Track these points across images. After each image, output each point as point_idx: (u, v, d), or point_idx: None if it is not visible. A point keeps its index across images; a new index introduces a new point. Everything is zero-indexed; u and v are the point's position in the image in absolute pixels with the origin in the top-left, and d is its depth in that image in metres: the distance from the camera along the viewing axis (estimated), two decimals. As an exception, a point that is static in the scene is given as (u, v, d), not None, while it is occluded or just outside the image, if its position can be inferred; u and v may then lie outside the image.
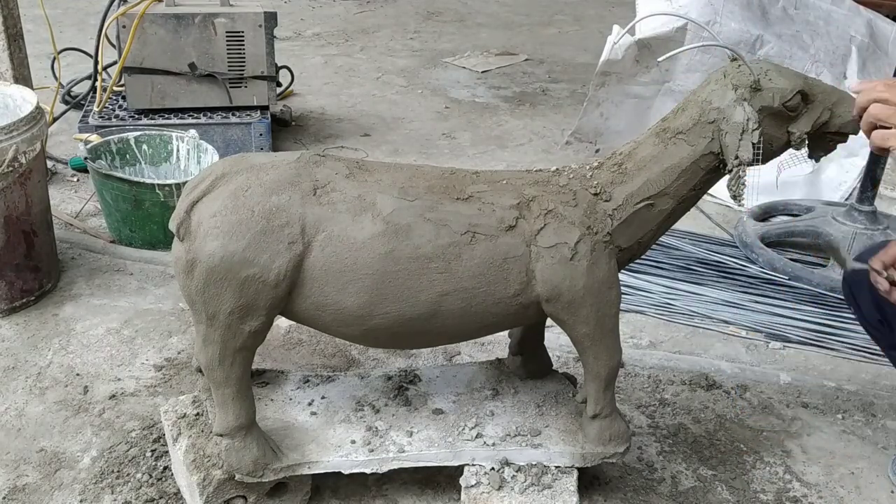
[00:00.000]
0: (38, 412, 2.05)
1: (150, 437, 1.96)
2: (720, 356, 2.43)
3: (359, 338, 1.59)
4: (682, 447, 2.04)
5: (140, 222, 2.77)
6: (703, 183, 1.58)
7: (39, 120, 2.38)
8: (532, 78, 5.11)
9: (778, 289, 2.77)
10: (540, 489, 1.68)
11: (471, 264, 1.51)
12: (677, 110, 1.58)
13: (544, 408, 1.83)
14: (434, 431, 1.75)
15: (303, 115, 4.24)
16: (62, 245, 2.79)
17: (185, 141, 3.04)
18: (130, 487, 1.81)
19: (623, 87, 3.63)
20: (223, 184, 1.50)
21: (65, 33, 5.22)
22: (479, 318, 1.56)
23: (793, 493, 1.92)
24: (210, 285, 1.46)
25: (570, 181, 1.61)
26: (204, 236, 1.45)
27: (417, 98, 4.63)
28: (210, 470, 1.64)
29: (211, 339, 1.52)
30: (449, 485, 1.83)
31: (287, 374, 1.91)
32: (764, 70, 1.50)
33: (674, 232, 3.02)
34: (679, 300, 2.68)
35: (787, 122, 1.52)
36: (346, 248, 1.47)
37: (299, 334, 2.38)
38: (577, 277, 1.54)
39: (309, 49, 5.48)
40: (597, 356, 1.63)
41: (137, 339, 2.36)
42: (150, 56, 3.39)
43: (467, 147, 3.96)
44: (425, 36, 5.95)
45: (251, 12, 3.45)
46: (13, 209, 2.35)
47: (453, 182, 1.58)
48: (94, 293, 2.57)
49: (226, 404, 1.58)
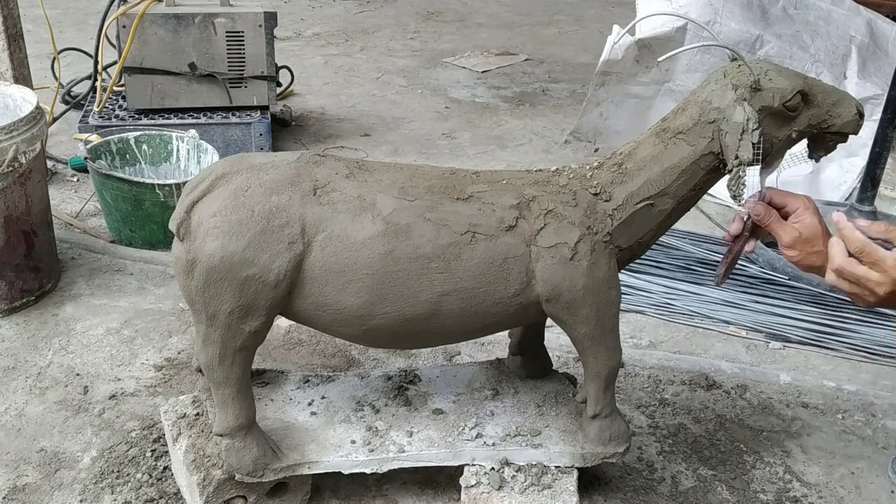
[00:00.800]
0: (38, 412, 2.05)
1: (150, 437, 1.96)
2: (720, 356, 2.43)
3: (359, 338, 1.59)
4: (682, 447, 2.04)
5: (140, 222, 2.77)
6: (703, 183, 1.58)
7: (39, 120, 2.38)
8: (532, 78, 5.11)
9: (778, 289, 2.77)
10: (540, 489, 1.68)
11: (471, 264, 1.51)
12: (677, 110, 1.58)
13: (544, 408, 1.83)
14: (434, 431, 1.75)
15: (303, 115, 4.24)
16: (62, 245, 2.79)
17: (185, 141, 3.04)
18: (130, 487, 1.81)
19: (623, 86, 3.63)
20: (223, 184, 1.50)
21: (65, 33, 5.22)
22: (479, 318, 1.56)
23: (793, 493, 1.92)
24: (210, 285, 1.46)
25: (570, 181, 1.61)
26: (204, 236, 1.45)
27: (417, 98, 4.63)
28: (210, 470, 1.64)
29: (211, 339, 1.52)
30: (449, 485, 1.83)
31: (287, 374, 1.91)
32: (764, 70, 1.50)
33: (674, 232, 3.02)
34: (679, 300, 2.68)
35: (787, 122, 1.52)
36: (346, 248, 1.47)
37: (299, 334, 2.38)
38: (577, 277, 1.54)
39: (309, 49, 5.48)
40: (597, 356, 1.63)
41: (137, 339, 2.36)
42: (151, 56, 3.39)
43: (467, 147, 3.96)
44: (425, 36, 5.94)
45: (251, 12, 3.45)
46: (13, 209, 2.35)
47: (453, 182, 1.58)
48: (94, 293, 2.57)
49: (226, 404, 1.58)
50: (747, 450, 2.05)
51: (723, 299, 2.68)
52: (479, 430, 1.74)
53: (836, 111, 1.53)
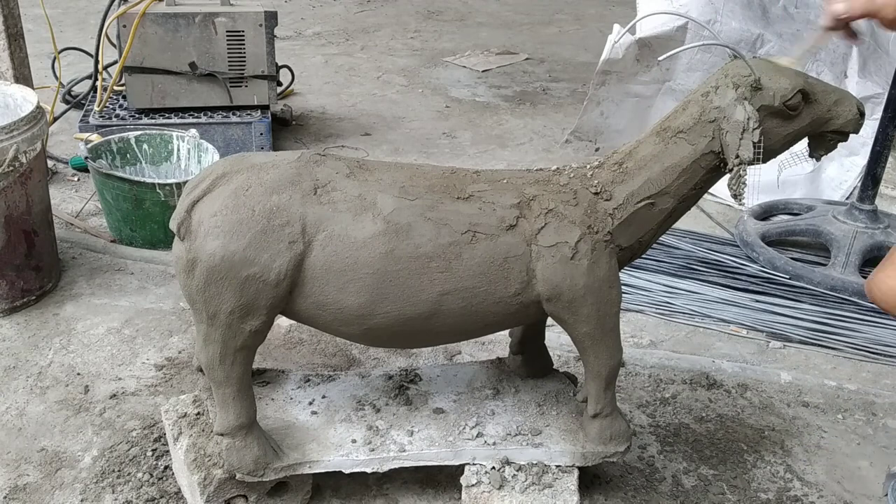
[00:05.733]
0: (39, 411, 2.05)
1: (150, 436, 1.96)
2: (721, 355, 2.43)
3: (359, 337, 1.59)
4: (682, 446, 2.04)
5: (141, 222, 2.77)
6: (703, 182, 1.58)
7: (40, 119, 2.38)
8: (532, 77, 5.10)
9: (779, 288, 2.77)
10: (541, 488, 1.68)
11: (471, 263, 1.51)
12: (678, 109, 1.58)
13: (545, 407, 1.83)
14: (435, 430, 1.75)
15: (303, 115, 4.24)
16: (63, 244, 2.79)
17: (186, 140, 3.04)
18: (131, 487, 1.82)
19: (623, 86, 3.63)
20: (224, 183, 1.50)
21: (65, 33, 5.22)
22: (479, 318, 1.56)
23: (793, 492, 1.92)
24: (211, 284, 1.46)
25: (571, 180, 1.61)
26: (205, 236, 1.45)
27: (418, 97, 4.63)
28: (211, 469, 1.64)
29: (211, 339, 1.52)
30: (450, 484, 1.83)
31: (288, 374, 1.92)
32: (764, 69, 1.50)
33: (674, 231, 3.02)
34: (680, 299, 2.68)
35: (787, 121, 1.52)
36: (347, 247, 1.47)
37: (300, 333, 2.38)
38: (577, 276, 1.54)
39: (309, 48, 5.48)
40: (597, 355, 1.63)
41: (138, 338, 2.36)
42: (151, 55, 3.39)
43: (468, 146, 3.96)
44: (426, 35, 5.94)
45: (251, 11, 3.45)
46: (14, 209, 2.36)
47: (454, 181, 1.58)
48: (95, 293, 2.57)
49: (226, 403, 1.58)
50: (748, 449, 2.05)
51: (723, 298, 2.68)
52: (480, 430, 1.75)
53: (837, 110, 1.53)
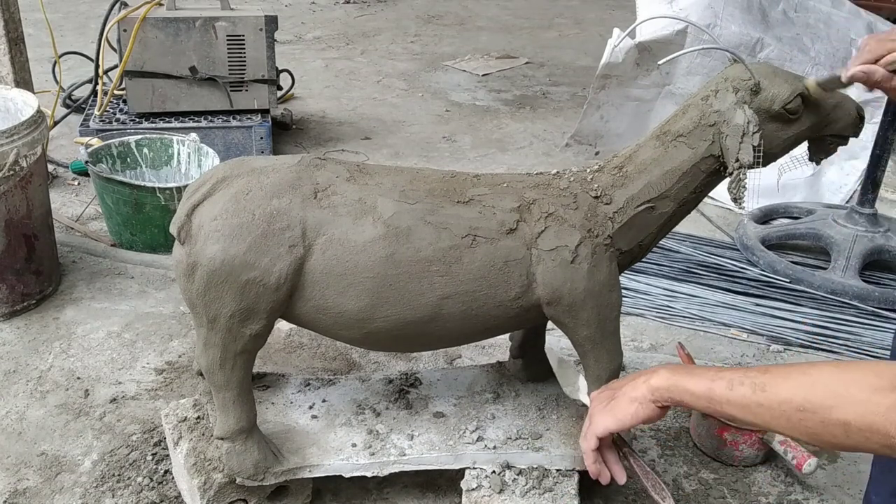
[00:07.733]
0: (39, 416, 2.05)
1: (150, 440, 1.96)
2: (721, 359, 2.43)
3: (359, 341, 1.59)
4: (683, 451, 2.04)
5: (141, 226, 2.78)
6: (703, 186, 1.58)
7: (40, 124, 2.39)
8: (532, 81, 5.11)
9: (779, 291, 2.77)
10: (541, 492, 1.67)
11: (471, 267, 1.51)
12: (678, 113, 1.58)
13: (545, 411, 1.83)
14: (435, 434, 1.74)
15: (303, 119, 4.24)
16: (63, 249, 2.79)
17: (186, 144, 3.04)
18: (131, 491, 1.81)
19: (623, 89, 3.63)
20: (224, 187, 1.50)
21: (66, 37, 5.23)
22: (479, 322, 1.56)
23: (794, 497, 1.92)
24: (211, 289, 1.46)
25: (571, 184, 1.61)
26: (205, 240, 1.45)
27: (418, 101, 4.63)
28: (211, 473, 1.63)
29: (212, 343, 1.52)
30: (450, 488, 1.82)
31: (288, 378, 1.91)
32: (764, 73, 1.50)
33: (674, 234, 3.02)
34: (680, 303, 2.67)
35: (787, 124, 1.52)
36: (347, 251, 1.47)
37: (300, 338, 2.38)
38: (577, 280, 1.54)
39: (309, 52, 5.49)
40: (598, 359, 1.63)
41: (138, 342, 2.36)
42: (151, 60, 3.40)
43: (468, 150, 3.96)
44: (426, 39, 5.95)
45: (252, 16, 3.46)
46: (14, 213, 2.36)
47: (454, 185, 1.58)
48: (95, 297, 2.57)
49: (227, 408, 1.58)
50: (749, 453, 2.05)
51: (724, 302, 2.68)
52: (480, 434, 1.74)
53: (837, 114, 1.53)
